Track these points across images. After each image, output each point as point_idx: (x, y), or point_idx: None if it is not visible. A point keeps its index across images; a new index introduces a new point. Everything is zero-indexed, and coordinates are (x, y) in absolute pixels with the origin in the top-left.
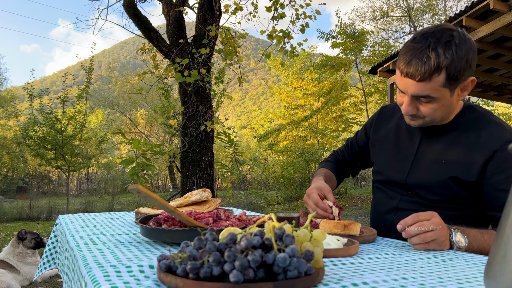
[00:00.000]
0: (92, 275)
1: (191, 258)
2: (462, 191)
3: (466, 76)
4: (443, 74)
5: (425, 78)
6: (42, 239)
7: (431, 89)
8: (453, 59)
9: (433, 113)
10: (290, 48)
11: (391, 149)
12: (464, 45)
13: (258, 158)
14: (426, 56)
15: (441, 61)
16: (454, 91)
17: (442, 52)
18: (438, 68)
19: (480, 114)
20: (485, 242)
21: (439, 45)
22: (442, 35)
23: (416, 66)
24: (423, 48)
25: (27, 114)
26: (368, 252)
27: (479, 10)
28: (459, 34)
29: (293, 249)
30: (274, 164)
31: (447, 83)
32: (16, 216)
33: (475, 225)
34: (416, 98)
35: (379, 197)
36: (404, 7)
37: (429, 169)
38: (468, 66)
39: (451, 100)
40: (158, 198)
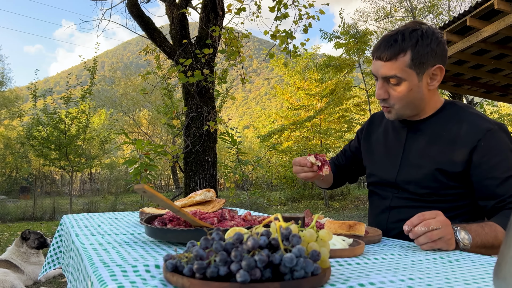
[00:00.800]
0: (98, 274)
1: (197, 257)
2: (449, 182)
3: (432, 63)
4: (408, 55)
5: (391, 58)
6: (46, 239)
7: (397, 69)
8: (418, 42)
9: (402, 98)
10: (292, 48)
11: (381, 150)
12: (431, 35)
13: (261, 159)
14: (393, 40)
15: (406, 43)
16: (421, 76)
17: (407, 35)
18: (403, 49)
19: (460, 108)
20: (487, 235)
21: (406, 32)
22: (410, 25)
23: (384, 48)
24: (391, 34)
25: (31, 114)
26: (374, 253)
27: (483, 10)
28: (428, 27)
29: (300, 249)
30: (277, 164)
31: (412, 65)
32: (20, 216)
33: (470, 217)
34: (386, 81)
35: (374, 199)
36: (407, 8)
37: (416, 164)
38: (434, 52)
39: (420, 86)
40: (163, 198)
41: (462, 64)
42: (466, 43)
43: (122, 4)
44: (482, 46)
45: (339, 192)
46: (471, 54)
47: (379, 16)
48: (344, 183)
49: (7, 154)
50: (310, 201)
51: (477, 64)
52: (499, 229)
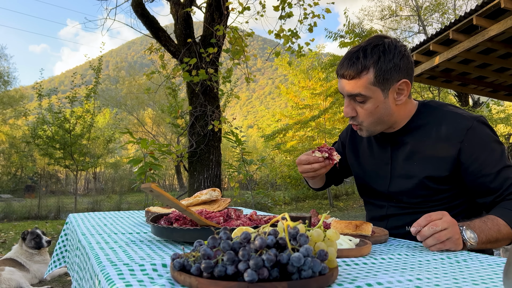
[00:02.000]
0: (106, 273)
1: (205, 257)
2: (440, 186)
3: (397, 78)
4: (371, 73)
5: (354, 76)
6: (42, 239)
7: (361, 87)
8: (380, 59)
9: (370, 115)
10: (297, 48)
11: (370, 162)
12: (393, 50)
13: (265, 158)
14: (355, 57)
15: (368, 60)
16: (387, 92)
17: (369, 52)
18: (365, 67)
19: (435, 109)
20: (490, 230)
21: (368, 48)
22: (373, 41)
23: (347, 66)
24: (354, 51)
25: (36, 113)
26: (381, 253)
27: (489, 9)
28: (391, 41)
29: (308, 248)
30: (281, 164)
31: (376, 82)
32: (25, 215)
33: (466, 215)
34: (352, 99)
35: (370, 208)
36: (413, 6)
37: (405, 175)
38: (397, 67)
39: (387, 102)
40: (170, 197)
41: (468, 63)
42: (472, 42)
43: (127, 3)
44: (488, 45)
45: (344, 192)
46: (477, 53)
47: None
48: (330, 185)
49: (12, 153)
50: (315, 201)
51: (483, 63)
52: (501, 222)
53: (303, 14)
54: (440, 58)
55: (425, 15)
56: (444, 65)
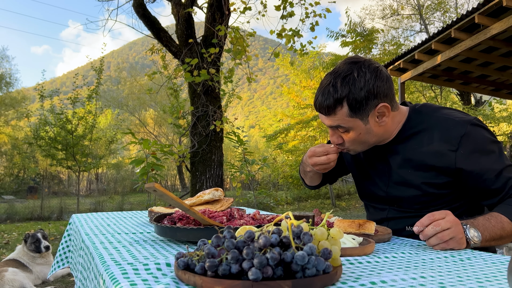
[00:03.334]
0: (110, 273)
1: (209, 256)
2: (439, 191)
3: (373, 104)
4: (345, 107)
5: (330, 112)
6: (41, 243)
7: (339, 121)
8: (350, 91)
9: (354, 142)
10: (299, 47)
11: (368, 166)
12: (363, 77)
13: (267, 158)
14: (327, 92)
15: (339, 95)
16: (367, 119)
17: (339, 86)
18: (337, 101)
19: (426, 115)
20: (494, 228)
21: (338, 80)
22: (342, 70)
23: (321, 102)
24: (325, 84)
25: (38, 115)
26: (384, 251)
27: (491, 7)
28: (361, 66)
29: (311, 247)
30: (283, 164)
31: (353, 113)
32: (28, 216)
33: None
34: (335, 129)
35: (371, 211)
36: (414, 5)
37: (403, 183)
38: (371, 95)
39: (369, 128)
40: (173, 197)
41: (470, 62)
42: (474, 40)
43: (128, 4)
44: (490, 44)
45: (346, 191)
46: (479, 51)
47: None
48: (325, 183)
49: (15, 155)
50: (317, 201)
51: (486, 61)
52: (505, 219)
53: (304, 13)
54: (442, 57)
55: (427, 14)
56: (446, 64)
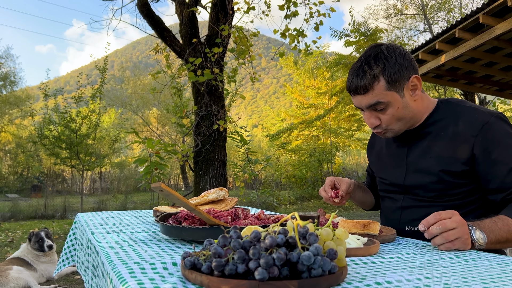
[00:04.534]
0: (117, 271)
1: (216, 255)
2: (456, 180)
3: (406, 76)
4: (382, 80)
5: (368, 89)
6: (44, 242)
7: (378, 96)
8: (385, 65)
9: (393, 118)
10: (304, 46)
11: (387, 158)
12: (393, 52)
13: (270, 158)
14: (362, 71)
15: (375, 71)
16: (402, 92)
17: (373, 63)
18: (375, 77)
19: (454, 105)
20: (500, 231)
21: (370, 59)
22: (371, 52)
23: (356, 82)
24: (357, 66)
25: (42, 113)
26: (389, 252)
27: (496, 7)
28: (387, 46)
29: (317, 247)
30: (286, 163)
31: (390, 87)
32: (32, 214)
33: (483, 211)
34: (372, 109)
35: (385, 202)
36: (418, 5)
37: (421, 169)
38: (403, 67)
39: (406, 101)
40: (179, 196)
41: (475, 61)
42: (479, 40)
43: (132, 3)
44: (495, 44)
45: None
46: (484, 51)
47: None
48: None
49: (19, 153)
50: (320, 201)
51: (490, 61)
52: (511, 222)
53: (308, 13)
54: (446, 57)
55: (431, 14)
56: (450, 63)
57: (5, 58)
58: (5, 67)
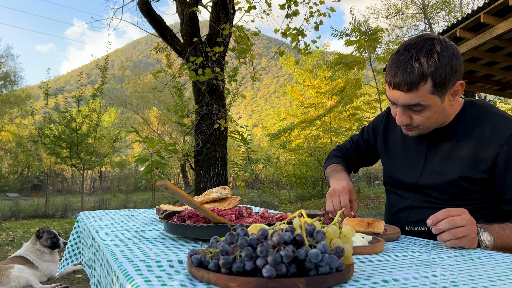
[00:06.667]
0: (123, 269)
1: (223, 253)
2: (473, 187)
3: (453, 81)
4: (429, 82)
5: (412, 89)
6: (59, 240)
7: (420, 98)
8: (437, 66)
9: (427, 121)
10: (303, 46)
11: (401, 153)
12: (446, 52)
13: (271, 157)
14: (410, 67)
15: (425, 70)
16: (444, 97)
17: (425, 61)
18: (423, 77)
19: (482, 108)
20: (507, 238)
21: (421, 55)
22: (423, 45)
23: (401, 78)
24: (406, 59)
25: (43, 113)
26: (394, 250)
27: (497, 7)
28: (441, 42)
29: (325, 245)
30: (287, 163)
31: (435, 90)
32: (32, 214)
33: (492, 218)
34: (408, 108)
35: (393, 198)
36: (419, 4)
37: (439, 171)
38: (454, 71)
39: (444, 106)
40: (184, 194)
41: (475, 61)
42: (480, 40)
43: (133, 3)
44: (496, 43)
45: None
46: (485, 51)
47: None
48: (361, 166)
49: (19, 152)
50: (320, 200)
51: (491, 61)
52: None
53: (309, 12)
54: None
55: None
56: None
57: (6, 58)
58: (5, 67)
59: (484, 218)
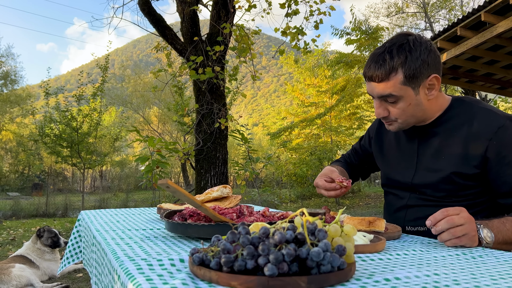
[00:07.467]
0: (125, 268)
1: (225, 251)
2: (466, 182)
3: (426, 74)
4: (400, 74)
5: (383, 79)
6: (59, 239)
7: (392, 88)
8: (407, 58)
9: (403, 113)
10: (303, 45)
11: (395, 153)
12: (419, 46)
13: (271, 156)
14: (382, 59)
15: (395, 61)
16: (417, 89)
17: (396, 53)
18: (393, 68)
19: (468, 104)
20: (508, 232)
21: (394, 48)
22: (397, 40)
23: (374, 69)
24: (380, 52)
25: (43, 112)
26: (395, 249)
27: (498, 5)
28: (415, 37)
29: (327, 243)
30: (287, 162)
31: (407, 81)
32: (33, 213)
33: (489, 213)
34: (383, 99)
35: (390, 198)
36: (419, 3)
37: (431, 169)
38: (426, 64)
39: (419, 99)
40: (186, 193)
41: (476, 60)
42: (480, 38)
43: (133, 2)
44: (496, 42)
45: (350, 190)
46: (485, 49)
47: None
48: (358, 180)
49: (20, 152)
50: (320, 199)
51: (491, 60)
52: None
53: (309, 11)
54: (448, 55)
55: (432, 12)
56: (451, 62)
57: (6, 57)
58: (6, 66)
59: (482, 213)
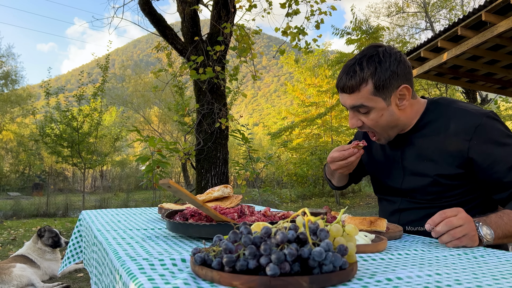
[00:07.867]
0: (126, 267)
1: (226, 251)
2: (453, 182)
3: (396, 85)
4: (370, 85)
5: (354, 90)
6: (60, 239)
7: (362, 99)
8: (376, 69)
9: (376, 124)
10: (304, 45)
11: (381, 160)
12: (388, 58)
13: (272, 156)
14: (352, 71)
15: (365, 73)
16: (389, 100)
17: (365, 65)
18: (363, 79)
19: (444, 106)
20: (506, 225)
21: (364, 60)
22: (367, 52)
23: (345, 80)
24: (350, 64)
25: (44, 112)
26: (396, 248)
27: (499, 5)
28: (385, 49)
29: (328, 243)
30: (287, 161)
31: (377, 92)
32: (34, 213)
33: (481, 209)
34: (356, 110)
35: (383, 203)
36: (420, 3)
37: (417, 172)
38: (395, 75)
39: (391, 110)
40: (187, 193)
41: (477, 59)
42: (481, 38)
43: (133, 1)
44: (497, 42)
45: (350, 189)
46: (486, 49)
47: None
48: (351, 183)
49: (20, 152)
50: (321, 199)
51: (492, 59)
52: None
53: (309, 11)
54: (448, 55)
55: (432, 12)
56: (452, 61)
57: (7, 57)
58: (6, 66)
59: (476, 209)
